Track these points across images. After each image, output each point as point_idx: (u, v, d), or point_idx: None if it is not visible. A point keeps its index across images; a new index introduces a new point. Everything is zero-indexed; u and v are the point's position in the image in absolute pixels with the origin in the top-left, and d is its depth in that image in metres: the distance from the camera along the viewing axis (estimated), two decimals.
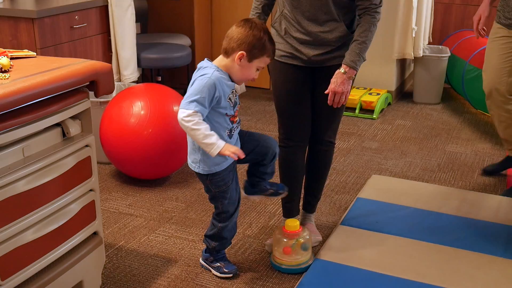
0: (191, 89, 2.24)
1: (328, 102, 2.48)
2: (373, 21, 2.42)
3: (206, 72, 2.25)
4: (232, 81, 2.31)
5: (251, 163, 2.51)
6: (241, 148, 2.37)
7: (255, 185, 2.54)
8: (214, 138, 2.20)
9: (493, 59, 3.17)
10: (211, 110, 2.25)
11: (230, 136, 2.33)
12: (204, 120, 2.22)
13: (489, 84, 3.20)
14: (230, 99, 2.29)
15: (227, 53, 2.27)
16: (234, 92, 2.32)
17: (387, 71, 4.93)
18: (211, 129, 2.23)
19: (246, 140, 2.44)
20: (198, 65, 2.33)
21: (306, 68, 2.53)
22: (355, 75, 2.47)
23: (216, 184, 2.38)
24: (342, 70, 2.44)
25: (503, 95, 3.16)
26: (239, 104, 2.38)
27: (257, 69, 2.31)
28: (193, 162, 2.38)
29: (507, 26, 3.11)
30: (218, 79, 2.23)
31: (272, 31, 2.60)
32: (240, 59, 2.25)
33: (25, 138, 1.92)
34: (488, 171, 3.57)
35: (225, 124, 2.30)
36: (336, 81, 2.45)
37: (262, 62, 2.29)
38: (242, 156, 2.24)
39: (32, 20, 3.39)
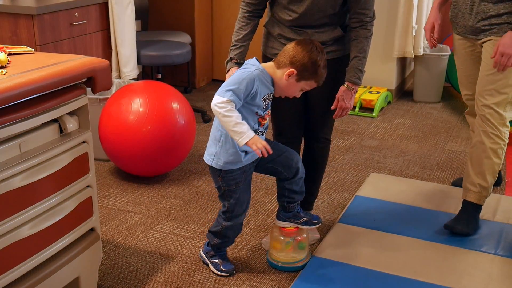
0: (230, 78, 2.26)
1: (334, 116, 2.54)
2: (369, 35, 2.46)
3: (248, 68, 2.28)
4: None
5: (277, 183, 2.50)
6: (262, 156, 2.36)
7: (287, 210, 2.51)
8: (245, 128, 2.20)
9: (471, 73, 2.95)
10: (244, 103, 2.26)
11: None
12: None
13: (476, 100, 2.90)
14: (264, 100, 2.30)
15: (279, 64, 2.29)
16: (270, 96, 2.33)
17: (388, 70, 4.92)
18: None
19: (271, 147, 2.44)
20: (245, 61, 2.35)
21: None
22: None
23: (227, 182, 2.37)
24: (347, 86, 2.48)
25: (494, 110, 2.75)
26: (270, 110, 2.37)
27: (301, 90, 2.32)
28: (209, 155, 2.39)
29: (464, 35, 2.87)
30: (258, 77, 2.25)
31: (264, 31, 2.60)
32: (289, 75, 2.26)
33: (22, 133, 1.92)
34: (458, 184, 3.30)
35: (252, 122, 2.30)
36: (343, 98, 2.49)
37: (308, 85, 2.31)
38: (270, 151, 2.23)
39: (31, 17, 3.39)
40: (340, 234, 2.82)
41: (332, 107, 2.52)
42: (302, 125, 2.66)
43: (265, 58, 2.59)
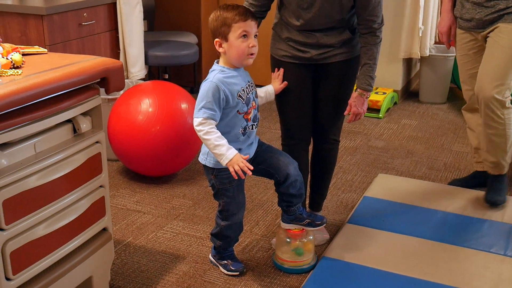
0: (198, 96, 2.27)
1: (348, 121, 2.60)
2: (378, 41, 2.48)
3: (209, 76, 2.30)
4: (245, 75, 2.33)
5: (275, 187, 2.50)
6: (255, 156, 2.40)
7: (288, 213, 2.50)
8: (223, 149, 2.22)
9: (471, 67, 3.04)
10: (223, 109, 2.27)
11: (244, 134, 2.33)
12: (219, 121, 2.25)
13: (479, 91, 2.98)
14: (240, 96, 2.29)
15: (217, 49, 2.31)
16: (246, 88, 2.32)
17: (394, 70, 4.93)
18: (226, 128, 2.27)
19: (264, 150, 2.46)
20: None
21: (308, 65, 2.54)
22: None
23: (220, 180, 2.38)
24: (359, 93, 2.52)
25: (495, 99, 2.88)
26: (254, 101, 2.36)
27: (244, 36, 2.23)
28: (202, 154, 2.40)
29: (468, 29, 2.97)
30: (220, 81, 2.25)
31: (273, 33, 2.61)
32: (220, 46, 2.28)
33: (37, 133, 1.93)
34: (455, 185, 3.35)
35: (239, 122, 2.31)
36: (356, 104, 2.53)
37: (238, 30, 2.23)
38: (249, 173, 2.25)
39: (41, 17, 3.41)
40: (349, 234, 2.82)
41: (345, 112, 2.57)
42: (310, 126, 2.67)
43: (273, 60, 2.60)
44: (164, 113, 3.20)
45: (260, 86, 2.52)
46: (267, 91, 2.53)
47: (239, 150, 2.34)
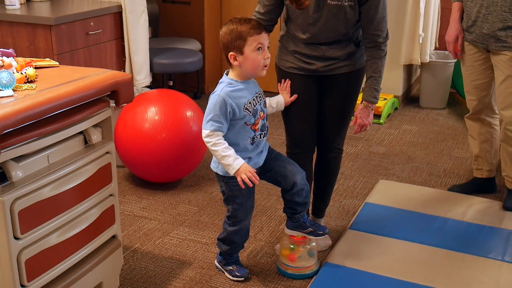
0: (207, 108, 2.35)
1: (354, 132, 2.67)
2: (383, 55, 2.54)
3: (217, 89, 2.37)
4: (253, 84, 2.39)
5: (281, 194, 2.57)
6: (264, 164, 2.48)
7: (292, 220, 2.57)
8: (230, 160, 2.30)
9: (476, 78, 3.14)
10: (230, 121, 2.34)
11: (253, 143, 2.41)
12: (227, 132, 2.33)
13: (479, 102, 3.19)
14: (247, 109, 2.36)
15: (229, 63, 2.37)
16: (253, 100, 2.38)
17: (394, 76, 4.99)
18: (234, 139, 2.35)
19: (273, 158, 2.53)
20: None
21: (313, 77, 2.61)
22: None
23: (230, 187, 2.45)
24: (364, 105, 2.60)
25: (492, 110, 3.21)
26: (262, 111, 2.42)
27: (258, 49, 2.30)
28: (214, 162, 2.48)
29: (473, 42, 3.06)
30: (227, 94, 2.32)
31: (279, 44, 2.68)
32: (234, 59, 2.33)
33: (50, 145, 2.00)
34: (454, 191, 3.44)
35: (246, 132, 2.38)
36: (361, 116, 2.61)
37: (253, 43, 2.29)
38: (256, 182, 2.33)
39: (49, 27, 3.48)
40: (351, 240, 2.89)
41: (351, 124, 2.65)
42: (315, 136, 2.74)
43: (279, 71, 2.67)
44: (170, 121, 3.27)
45: (265, 91, 2.59)
46: (279, 102, 2.61)
47: (249, 159, 2.42)
